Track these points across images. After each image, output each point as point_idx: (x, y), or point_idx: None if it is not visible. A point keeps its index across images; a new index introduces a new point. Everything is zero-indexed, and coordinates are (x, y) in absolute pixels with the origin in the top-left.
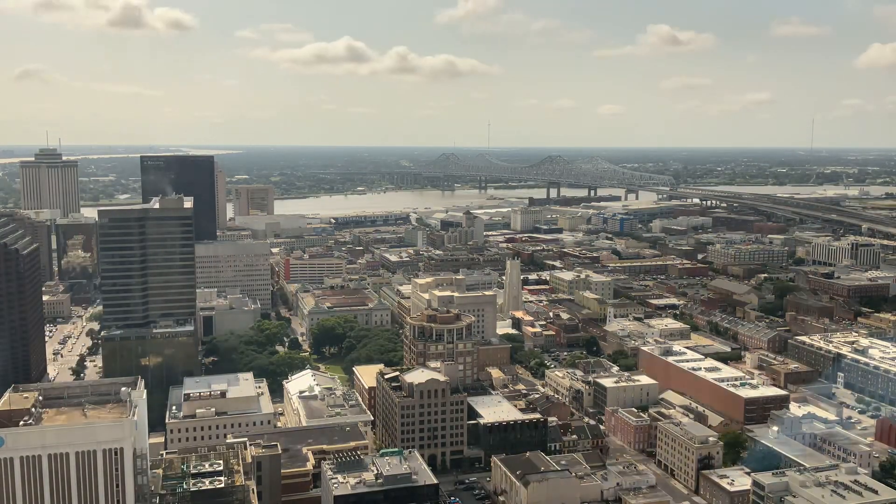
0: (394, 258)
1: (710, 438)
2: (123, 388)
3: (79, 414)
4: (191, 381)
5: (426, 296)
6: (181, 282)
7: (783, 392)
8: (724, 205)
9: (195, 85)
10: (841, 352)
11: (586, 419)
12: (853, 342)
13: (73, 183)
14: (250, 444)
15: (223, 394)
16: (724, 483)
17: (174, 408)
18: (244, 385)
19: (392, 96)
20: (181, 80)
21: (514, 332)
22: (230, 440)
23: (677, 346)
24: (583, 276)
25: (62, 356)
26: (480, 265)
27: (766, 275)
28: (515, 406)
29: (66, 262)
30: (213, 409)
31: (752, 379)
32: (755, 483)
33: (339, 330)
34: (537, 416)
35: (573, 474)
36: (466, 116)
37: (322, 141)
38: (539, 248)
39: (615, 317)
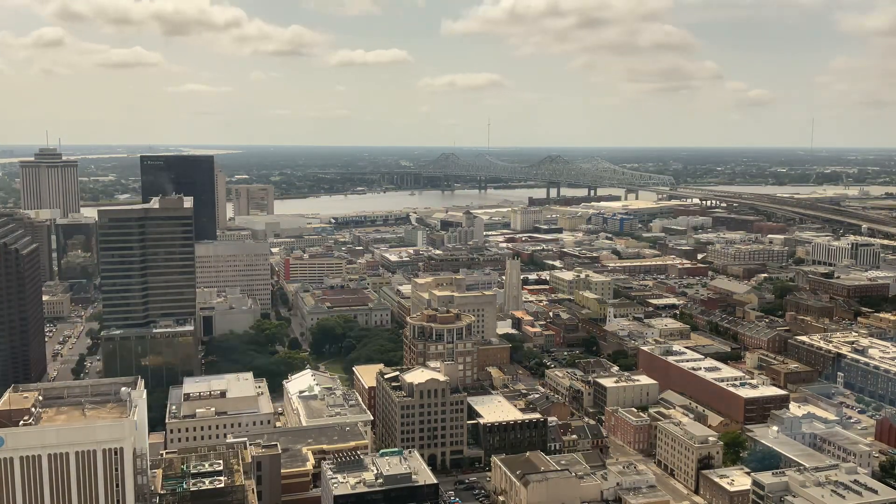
0: (394, 258)
1: (710, 438)
2: (123, 388)
3: (79, 414)
4: (191, 380)
5: (426, 296)
6: (181, 282)
7: (783, 392)
8: (724, 205)
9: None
10: (841, 352)
11: (586, 419)
12: (853, 342)
13: (73, 183)
14: (250, 444)
15: (223, 394)
16: (723, 483)
17: (174, 408)
18: (244, 385)
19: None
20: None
21: (514, 332)
22: (230, 440)
23: (677, 346)
24: (583, 276)
25: (62, 356)
26: (480, 265)
27: (766, 275)
28: (515, 406)
29: (66, 262)
30: (212, 409)
31: (752, 379)
32: (755, 483)
33: (339, 330)
34: (537, 416)
35: (573, 474)
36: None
37: (322, 141)
38: (539, 248)
39: (615, 317)
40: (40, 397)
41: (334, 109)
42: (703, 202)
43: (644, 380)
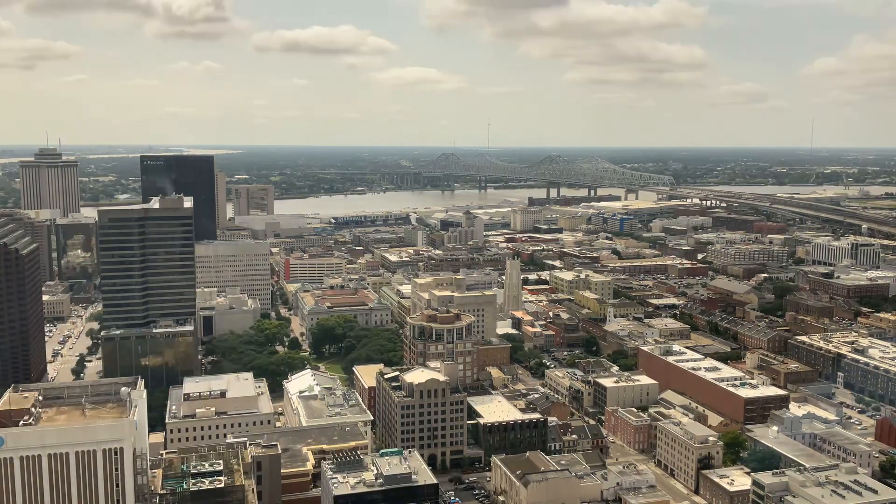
0: (394, 258)
1: (710, 438)
2: (123, 388)
3: (79, 414)
4: (191, 381)
5: (426, 296)
6: (181, 282)
7: (783, 392)
8: (724, 205)
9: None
10: (841, 352)
11: (586, 419)
12: (853, 342)
13: (73, 183)
14: (250, 444)
15: (223, 394)
16: (723, 483)
17: (174, 408)
18: (244, 385)
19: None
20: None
21: (514, 332)
22: (230, 440)
23: (677, 346)
24: (583, 276)
25: (62, 356)
26: (480, 265)
27: (766, 275)
28: (515, 406)
29: (66, 262)
30: (212, 409)
31: (752, 379)
32: (755, 483)
33: (339, 330)
34: (537, 416)
35: (573, 474)
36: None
37: (322, 141)
38: (539, 248)
39: (615, 317)
40: (40, 397)
41: (317, 109)
42: (703, 202)
43: (644, 380)
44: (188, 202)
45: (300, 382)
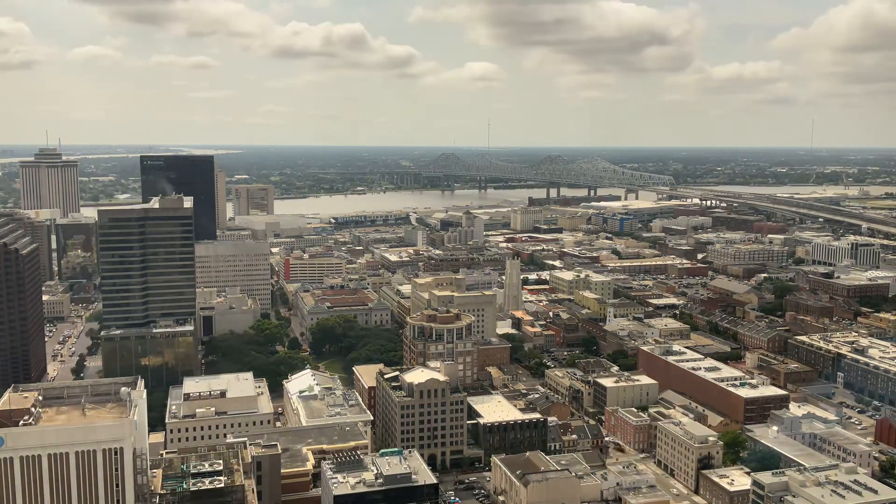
0: (394, 258)
1: (710, 438)
2: (123, 388)
3: (79, 414)
4: (191, 380)
5: (426, 295)
6: (181, 282)
7: (783, 392)
8: (724, 205)
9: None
10: (841, 352)
11: (586, 419)
12: (853, 342)
13: (73, 183)
14: (250, 444)
15: (223, 393)
16: (723, 483)
17: (174, 408)
18: (244, 385)
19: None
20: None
21: (514, 331)
22: (230, 440)
23: (677, 346)
24: (583, 275)
25: (62, 356)
26: (480, 265)
27: (766, 275)
28: (515, 406)
29: (66, 262)
30: (212, 409)
31: (752, 379)
32: (755, 483)
33: (339, 330)
34: (537, 416)
35: (573, 474)
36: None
37: (321, 141)
38: (539, 248)
39: (615, 317)
40: (40, 397)
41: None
42: (703, 202)
43: (644, 380)
44: (188, 202)
45: (300, 382)
